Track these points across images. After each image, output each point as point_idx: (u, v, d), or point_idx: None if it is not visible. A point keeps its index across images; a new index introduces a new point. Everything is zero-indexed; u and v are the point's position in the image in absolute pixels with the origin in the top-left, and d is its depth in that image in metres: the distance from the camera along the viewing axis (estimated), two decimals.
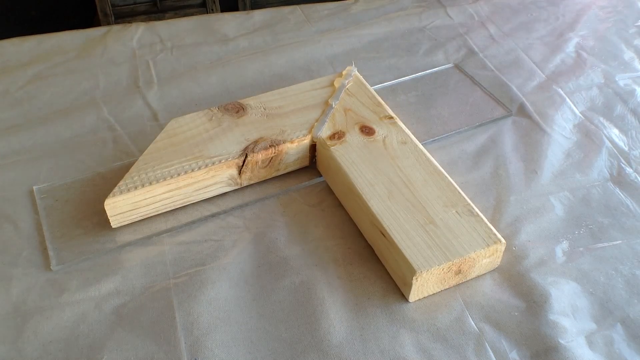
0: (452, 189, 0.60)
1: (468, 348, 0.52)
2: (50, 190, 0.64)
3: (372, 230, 0.58)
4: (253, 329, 0.53)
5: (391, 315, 0.54)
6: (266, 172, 0.65)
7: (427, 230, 0.56)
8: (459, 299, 0.55)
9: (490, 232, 0.56)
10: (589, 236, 0.61)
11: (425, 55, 0.87)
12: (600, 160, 0.70)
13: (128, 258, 0.59)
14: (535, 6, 0.98)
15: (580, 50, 0.88)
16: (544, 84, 0.81)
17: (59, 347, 0.51)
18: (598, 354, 0.51)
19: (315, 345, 0.52)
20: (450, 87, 0.81)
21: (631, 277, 0.58)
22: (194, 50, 0.87)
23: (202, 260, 0.58)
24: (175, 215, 0.62)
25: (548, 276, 0.57)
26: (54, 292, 0.55)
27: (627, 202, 0.65)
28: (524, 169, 0.68)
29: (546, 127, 0.74)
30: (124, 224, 0.61)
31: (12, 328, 0.53)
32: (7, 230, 0.61)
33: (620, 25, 0.94)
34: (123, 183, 0.59)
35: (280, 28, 0.93)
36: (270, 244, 0.60)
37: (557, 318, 0.53)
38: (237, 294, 0.56)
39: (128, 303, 0.55)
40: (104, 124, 0.74)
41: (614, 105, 0.78)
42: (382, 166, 0.62)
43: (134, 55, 0.86)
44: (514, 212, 0.63)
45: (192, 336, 0.52)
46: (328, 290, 0.56)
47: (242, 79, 0.82)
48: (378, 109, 0.69)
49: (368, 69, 0.83)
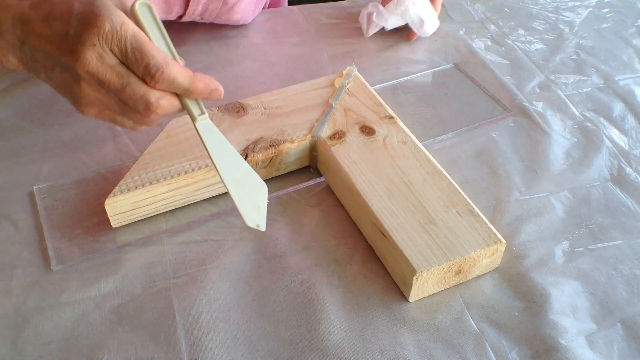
0: (452, 189, 0.60)
1: (468, 348, 0.52)
2: (50, 190, 0.64)
3: (372, 230, 0.58)
4: (253, 329, 0.53)
5: (391, 315, 0.54)
6: (266, 172, 0.65)
7: (427, 230, 0.56)
8: (459, 299, 0.55)
9: (491, 232, 0.56)
10: (589, 236, 0.61)
11: (426, 55, 0.87)
12: (600, 160, 0.70)
13: (128, 258, 0.59)
14: (535, 6, 0.98)
15: (580, 50, 0.88)
16: (544, 84, 0.81)
17: (59, 347, 0.51)
18: (598, 354, 0.51)
19: (315, 345, 0.52)
20: (450, 87, 0.81)
21: (631, 277, 0.58)
22: (194, 50, 0.87)
23: (202, 260, 0.58)
24: (175, 215, 0.62)
25: (548, 276, 0.57)
26: (54, 292, 0.55)
27: (627, 202, 0.65)
28: (524, 169, 0.68)
29: (546, 127, 0.74)
30: (124, 224, 0.61)
31: (12, 328, 0.53)
32: (7, 230, 0.61)
33: (620, 25, 0.94)
34: (123, 183, 0.59)
35: (280, 28, 0.93)
36: (270, 244, 0.60)
37: (557, 318, 0.53)
38: (237, 294, 0.56)
39: (128, 303, 0.55)
40: (104, 124, 0.74)
41: (614, 105, 0.78)
42: (382, 166, 0.62)
43: None
44: (514, 212, 0.63)
45: (192, 336, 0.52)
46: (328, 290, 0.56)
47: (242, 79, 0.82)
48: (378, 109, 0.69)
49: (368, 69, 0.83)
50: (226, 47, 0.88)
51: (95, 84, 0.44)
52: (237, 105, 0.69)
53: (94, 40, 0.42)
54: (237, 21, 0.89)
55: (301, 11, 0.96)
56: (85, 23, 0.43)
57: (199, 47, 0.88)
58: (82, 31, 0.43)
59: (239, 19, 0.89)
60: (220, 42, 0.89)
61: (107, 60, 0.43)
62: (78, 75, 0.44)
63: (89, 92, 0.45)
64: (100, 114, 0.47)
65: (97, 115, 0.47)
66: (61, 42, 0.44)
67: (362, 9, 0.89)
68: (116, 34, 0.43)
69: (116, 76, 0.44)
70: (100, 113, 0.47)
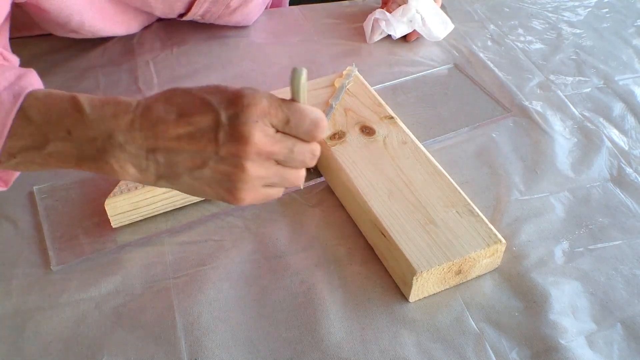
0: (452, 189, 0.60)
1: (468, 348, 0.52)
2: (50, 190, 0.64)
3: (373, 230, 0.58)
4: (253, 329, 0.53)
5: (391, 315, 0.54)
6: None
7: (428, 230, 0.56)
8: (459, 299, 0.55)
9: (491, 232, 0.56)
10: (589, 236, 0.61)
11: (425, 55, 0.87)
12: (600, 160, 0.70)
13: (128, 258, 0.59)
14: (535, 6, 0.98)
15: (580, 50, 0.88)
16: (544, 83, 0.81)
17: (59, 347, 0.51)
18: (598, 354, 0.51)
19: (315, 345, 0.52)
20: (450, 87, 0.81)
21: (631, 277, 0.58)
22: (194, 50, 0.87)
23: (202, 260, 0.58)
24: (175, 215, 0.62)
25: (548, 276, 0.57)
26: (54, 292, 0.55)
27: (627, 202, 0.65)
28: (524, 169, 0.68)
29: (546, 127, 0.74)
30: (124, 224, 0.61)
31: (12, 328, 0.53)
32: (7, 230, 0.61)
33: (620, 25, 0.94)
34: (123, 183, 0.59)
35: (280, 28, 0.93)
36: (270, 244, 0.60)
37: (557, 318, 0.54)
38: (237, 294, 0.56)
39: (128, 303, 0.55)
40: None
41: (614, 105, 0.78)
42: (382, 166, 0.62)
43: (134, 55, 0.86)
44: (514, 212, 0.63)
45: (192, 336, 0.52)
46: (328, 290, 0.56)
47: (242, 78, 0.82)
48: (378, 109, 0.69)
49: (368, 69, 0.83)
50: (226, 47, 0.88)
51: (262, 160, 0.44)
52: None
53: (255, 118, 0.42)
54: (238, 22, 0.89)
55: (301, 11, 0.96)
56: (239, 106, 0.42)
57: (199, 47, 0.88)
58: (239, 114, 0.42)
59: (239, 21, 0.89)
60: (220, 42, 0.89)
61: (269, 133, 0.43)
62: (242, 159, 0.43)
63: (254, 173, 0.43)
64: (255, 197, 0.45)
65: (253, 200, 0.45)
66: (211, 135, 0.42)
67: (369, 14, 0.87)
68: (274, 107, 0.43)
69: (282, 144, 0.44)
70: (256, 196, 0.45)
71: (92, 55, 0.86)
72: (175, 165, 0.44)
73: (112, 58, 0.85)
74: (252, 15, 0.90)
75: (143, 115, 0.43)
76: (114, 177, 0.45)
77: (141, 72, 0.83)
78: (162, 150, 0.43)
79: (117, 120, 0.43)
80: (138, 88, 0.80)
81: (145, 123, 0.43)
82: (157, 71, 0.83)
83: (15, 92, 0.44)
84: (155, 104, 0.43)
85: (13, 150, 0.45)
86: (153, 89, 0.80)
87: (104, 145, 0.43)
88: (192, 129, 0.42)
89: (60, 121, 0.44)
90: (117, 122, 0.43)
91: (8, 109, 0.43)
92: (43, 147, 0.44)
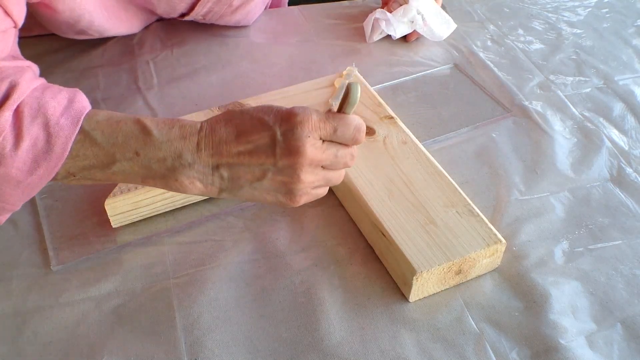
0: (452, 189, 0.60)
1: (468, 348, 0.52)
2: (50, 190, 0.64)
3: (373, 230, 0.58)
4: (253, 329, 0.53)
5: (391, 315, 0.54)
6: None
7: (428, 230, 0.56)
8: (459, 299, 0.55)
9: (491, 232, 0.56)
10: (589, 236, 0.61)
11: (425, 55, 0.87)
12: (600, 160, 0.70)
13: (128, 258, 0.59)
14: (535, 6, 0.98)
15: (579, 50, 0.88)
16: (544, 83, 0.81)
17: (59, 347, 0.51)
18: (598, 354, 0.51)
19: (315, 345, 0.52)
20: (450, 87, 0.81)
21: (631, 277, 0.58)
22: (194, 50, 0.87)
23: (202, 260, 0.58)
24: (175, 215, 0.62)
25: (548, 276, 0.57)
26: (54, 292, 0.55)
27: (627, 202, 0.65)
28: (524, 169, 0.68)
29: (546, 127, 0.74)
30: (124, 224, 0.61)
31: (12, 328, 0.53)
32: (7, 230, 0.61)
33: (620, 25, 0.94)
34: (123, 183, 0.59)
35: (280, 28, 0.93)
36: (270, 244, 0.60)
37: (557, 318, 0.54)
38: (237, 294, 0.56)
39: (128, 303, 0.55)
40: None
41: (614, 105, 0.78)
42: (382, 166, 0.62)
43: (134, 55, 0.86)
44: (514, 212, 0.63)
45: (192, 336, 0.52)
46: (328, 290, 0.56)
47: (242, 78, 0.82)
48: (378, 109, 0.69)
49: (368, 69, 0.83)
50: (226, 47, 0.88)
51: (313, 168, 0.49)
52: (237, 105, 0.69)
53: (307, 133, 0.47)
54: (238, 22, 0.89)
55: (301, 11, 0.96)
56: (292, 123, 0.47)
57: (199, 47, 0.88)
58: (293, 131, 0.47)
59: (239, 20, 0.89)
60: (220, 42, 0.89)
61: (318, 145, 0.48)
62: (297, 170, 0.48)
63: (306, 180, 0.49)
64: (308, 199, 0.51)
65: (305, 201, 0.51)
66: (269, 150, 0.47)
67: (369, 14, 0.88)
68: (322, 121, 0.48)
69: (328, 152, 0.49)
70: (308, 198, 0.51)
71: (92, 55, 0.86)
72: (238, 178, 0.49)
73: (112, 58, 0.85)
74: (252, 15, 0.90)
75: (207, 136, 0.48)
76: (180, 191, 0.49)
77: (141, 72, 0.83)
78: (226, 166, 0.48)
79: (185, 141, 0.48)
80: (138, 88, 0.80)
81: (210, 143, 0.48)
82: (157, 71, 0.83)
83: (72, 117, 0.47)
84: (217, 125, 0.48)
85: (74, 169, 0.48)
86: (153, 88, 0.80)
87: (173, 164, 0.48)
88: (251, 146, 0.48)
89: (127, 143, 0.47)
90: (185, 144, 0.48)
91: (68, 134, 0.46)
92: (108, 167, 0.48)
